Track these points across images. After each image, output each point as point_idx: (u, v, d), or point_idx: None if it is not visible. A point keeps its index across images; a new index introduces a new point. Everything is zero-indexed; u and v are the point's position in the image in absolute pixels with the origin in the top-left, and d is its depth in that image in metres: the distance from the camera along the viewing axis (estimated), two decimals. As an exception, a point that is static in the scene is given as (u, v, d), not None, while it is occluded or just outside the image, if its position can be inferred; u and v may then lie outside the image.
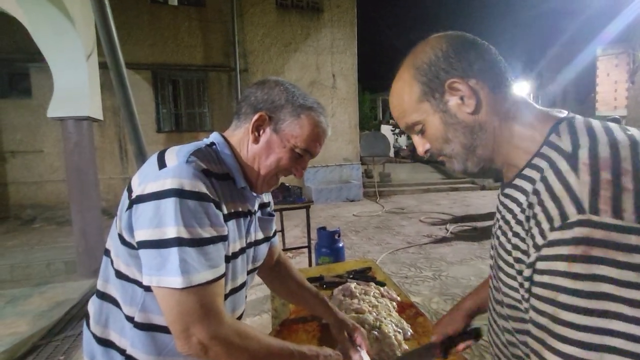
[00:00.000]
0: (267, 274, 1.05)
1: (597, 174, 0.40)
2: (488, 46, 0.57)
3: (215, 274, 0.65)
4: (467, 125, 0.56)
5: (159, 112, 7.76)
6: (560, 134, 0.49)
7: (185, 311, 0.61)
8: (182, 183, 0.62)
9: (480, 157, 0.57)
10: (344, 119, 8.94)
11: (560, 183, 0.43)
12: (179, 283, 0.60)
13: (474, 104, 0.54)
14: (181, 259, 0.60)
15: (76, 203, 3.64)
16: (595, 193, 0.39)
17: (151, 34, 7.42)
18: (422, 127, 0.60)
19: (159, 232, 0.61)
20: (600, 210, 0.38)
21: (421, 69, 0.57)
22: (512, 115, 0.55)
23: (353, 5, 8.82)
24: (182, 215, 0.61)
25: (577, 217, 0.39)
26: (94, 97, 3.68)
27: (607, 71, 9.15)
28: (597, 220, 0.38)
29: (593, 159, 0.41)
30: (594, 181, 0.40)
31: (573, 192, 0.41)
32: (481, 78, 0.54)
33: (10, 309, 3.05)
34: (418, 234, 5.29)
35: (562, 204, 0.41)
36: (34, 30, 3.37)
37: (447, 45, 0.56)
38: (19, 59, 6.59)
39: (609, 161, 0.41)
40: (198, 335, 0.62)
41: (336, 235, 3.01)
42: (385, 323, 1.07)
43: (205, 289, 0.63)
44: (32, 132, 6.93)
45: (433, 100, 0.57)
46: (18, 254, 4.35)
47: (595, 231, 0.38)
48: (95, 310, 0.76)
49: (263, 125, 0.76)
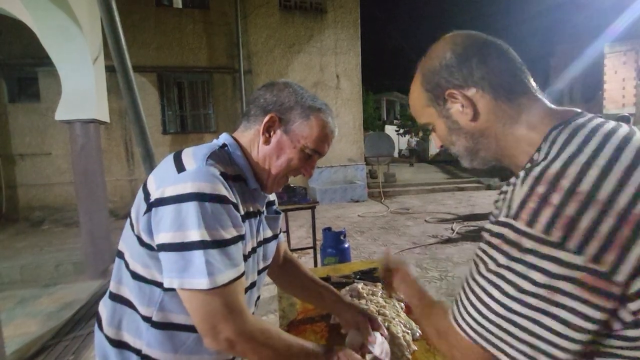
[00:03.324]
0: (275, 271, 1.05)
1: (534, 188, 0.44)
2: (499, 49, 0.57)
3: (238, 272, 0.67)
4: (467, 131, 0.59)
5: (164, 114, 7.82)
6: (547, 141, 0.51)
7: (212, 311, 0.64)
8: (203, 187, 0.64)
9: (484, 158, 0.61)
10: (348, 119, 8.94)
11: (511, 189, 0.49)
12: (206, 284, 0.62)
13: (471, 113, 0.57)
14: (207, 261, 0.62)
15: (84, 205, 3.68)
16: (524, 202, 0.44)
17: (156, 37, 7.48)
18: (433, 127, 0.65)
19: (182, 235, 0.62)
20: (520, 218, 0.44)
21: (426, 77, 0.61)
22: (517, 119, 0.55)
23: (356, 5, 8.82)
24: (204, 218, 0.62)
25: (504, 218, 0.47)
26: (101, 100, 3.72)
27: (615, 69, 9.05)
28: (514, 224, 0.45)
29: (539, 174, 0.45)
30: (529, 192, 0.45)
31: (511, 198, 0.47)
32: (482, 86, 0.56)
33: (20, 309, 3.09)
34: (423, 234, 5.26)
35: (502, 205, 0.48)
36: (42, 35, 3.42)
37: (450, 53, 0.58)
38: (28, 63, 6.69)
39: (550, 177, 0.44)
40: (225, 333, 0.64)
41: (342, 236, 3.01)
42: (394, 324, 1.06)
43: (229, 288, 0.65)
44: (41, 135, 7.02)
45: (437, 107, 0.61)
46: (27, 256, 4.41)
47: (510, 232, 0.45)
48: (108, 312, 0.77)
49: (274, 127, 0.77)
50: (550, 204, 0.42)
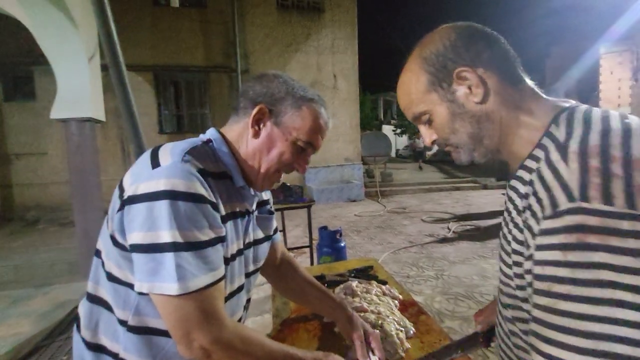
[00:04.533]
0: (272, 273, 1.02)
1: (586, 162, 0.40)
2: (497, 36, 0.57)
3: (215, 277, 0.63)
4: (474, 115, 0.56)
5: (161, 113, 7.79)
6: (559, 123, 0.49)
7: (185, 317, 0.59)
8: (177, 184, 0.59)
9: (487, 147, 0.57)
10: (345, 119, 8.94)
11: (551, 172, 0.43)
12: (175, 290, 0.58)
13: (482, 93, 0.54)
14: (177, 264, 0.58)
15: (79, 204, 3.66)
16: (585, 180, 0.39)
17: (153, 35, 7.45)
18: (429, 117, 0.60)
19: (153, 236, 0.59)
20: (590, 197, 0.38)
21: (429, 59, 0.57)
22: (519, 105, 0.54)
23: (354, 5, 8.82)
24: (177, 218, 0.58)
25: (567, 205, 0.39)
26: (96, 98, 3.70)
27: (611, 69, 9.10)
28: (588, 207, 0.38)
29: (582, 147, 0.42)
30: (583, 169, 0.40)
31: (563, 180, 0.41)
32: (489, 67, 0.54)
33: (14, 309, 3.07)
34: (420, 233, 5.27)
35: (553, 192, 0.42)
36: (37, 33, 3.39)
37: (455, 35, 0.56)
38: (23, 62, 6.65)
39: (597, 149, 0.41)
40: (199, 341, 0.60)
41: (338, 235, 3.01)
42: (388, 322, 1.06)
43: (204, 294, 0.61)
44: (36, 135, 6.98)
45: (441, 90, 0.57)
46: (22, 255, 4.38)
47: (588, 218, 0.38)
48: (85, 314, 0.73)
49: (263, 119, 0.74)
50: (616, 175, 0.38)
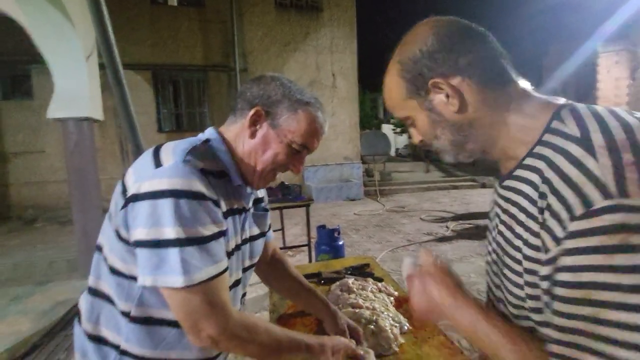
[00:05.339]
0: (263, 269, 1.05)
1: (619, 156, 0.37)
2: (482, 35, 0.54)
3: (219, 269, 0.65)
4: (454, 123, 0.54)
5: (159, 112, 7.78)
6: (564, 120, 0.46)
7: (192, 308, 0.62)
8: (179, 183, 0.62)
9: (472, 150, 0.56)
10: (344, 118, 8.94)
11: (576, 168, 0.40)
12: (181, 282, 0.61)
13: (457, 103, 0.52)
14: (182, 258, 0.61)
15: (77, 203, 3.66)
16: (621, 175, 0.36)
17: (151, 34, 7.44)
18: (412, 121, 0.60)
19: (157, 232, 0.61)
20: (630, 192, 0.35)
21: (406, 66, 0.55)
22: (507, 107, 0.52)
23: (352, 3, 8.81)
24: (180, 216, 0.61)
25: (604, 202, 0.36)
26: (94, 97, 3.70)
27: (608, 68, 9.12)
28: (629, 203, 0.35)
29: (610, 142, 0.39)
30: (617, 163, 0.37)
31: (594, 176, 0.38)
32: (469, 74, 0.52)
33: (12, 307, 3.08)
34: (418, 232, 5.29)
35: (583, 190, 0.38)
36: (34, 32, 3.38)
37: (432, 38, 0.53)
38: (21, 60, 6.63)
39: (627, 142, 0.38)
40: (207, 331, 0.63)
41: (336, 233, 3.02)
42: (382, 317, 1.08)
43: (209, 285, 0.63)
44: (34, 133, 6.97)
45: (419, 98, 0.55)
46: (21, 253, 4.38)
47: (630, 216, 0.35)
48: (87, 307, 0.75)
49: (260, 121, 0.76)
50: None
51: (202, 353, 0.75)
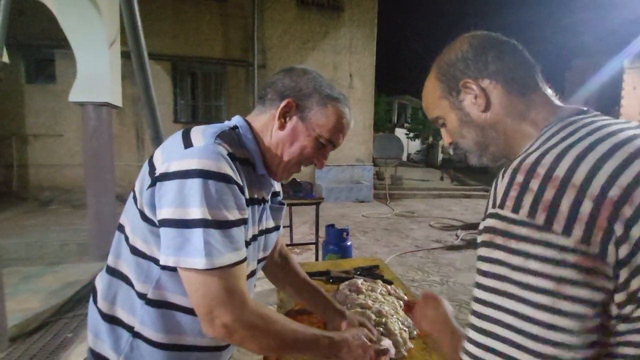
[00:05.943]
0: (269, 265, 1.04)
1: (514, 177, 0.46)
2: (512, 46, 0.60)
3: (239, 257, 0.65)
4: (478, 123, 0.60)
5: (176, 102, 7.89)
6: (538, 138, 0.52)
7: (209, 294, 0.61)
8: (209, 164, 0.62)
9: (494, 153, 0.62)
10: (359, 119, 8.90)
11: (494, 182, 0.50)
12: (202, 264, 0.60)
13: (483, 103, 0.58)
14: (205, 240, 0.60)
15: (92, 187, 3.73)
16: (507, 192, 0.46)
17: (173, 26, 7.54)
18: (443, 121, 0.65)
19: (183, 212, 0.61)
20: (505, 205, 0.45)
21: (442, 69, 0.62)
22: (525, 116, 0.57)
23: (374, 5, 8.77)
24: (207, 196, 0.61)
25: (490, 210, 0.47)
26: (115, 84, 3.75)
27: (634, 84, 8.88)
28: (500, 213, 0.45)
29: (518, 165, 0.47)
30: (509, 182, 0.46)
31: (495, 190, 0.48)
32: (495, 79, 0.58)
33: (23, 285, 3.15)
34: (427, 238, 5.23)
35: (489, 199, 0.50)
36: (61, 16, 3.46)
37: (467, 46, 0.60)
38: (45, 45, 6.78)
39: (527, 167, 0.46)
40: (222, 319, 0.62)
41: (344, 234, 3.00)
42: (392, 320, 1.06)
43: (228, 271, 0.62)
44: (54, 117, 7.13)
45: (451, 98, 0.62)
46: (34, 234, 4.49)
47: (498, 222, 0.45)
48: (104, 286, 0.76)
49: (290, 112, 0.76)
50: (531, 190, 0.44)
51: (215, 340, 0.75)
